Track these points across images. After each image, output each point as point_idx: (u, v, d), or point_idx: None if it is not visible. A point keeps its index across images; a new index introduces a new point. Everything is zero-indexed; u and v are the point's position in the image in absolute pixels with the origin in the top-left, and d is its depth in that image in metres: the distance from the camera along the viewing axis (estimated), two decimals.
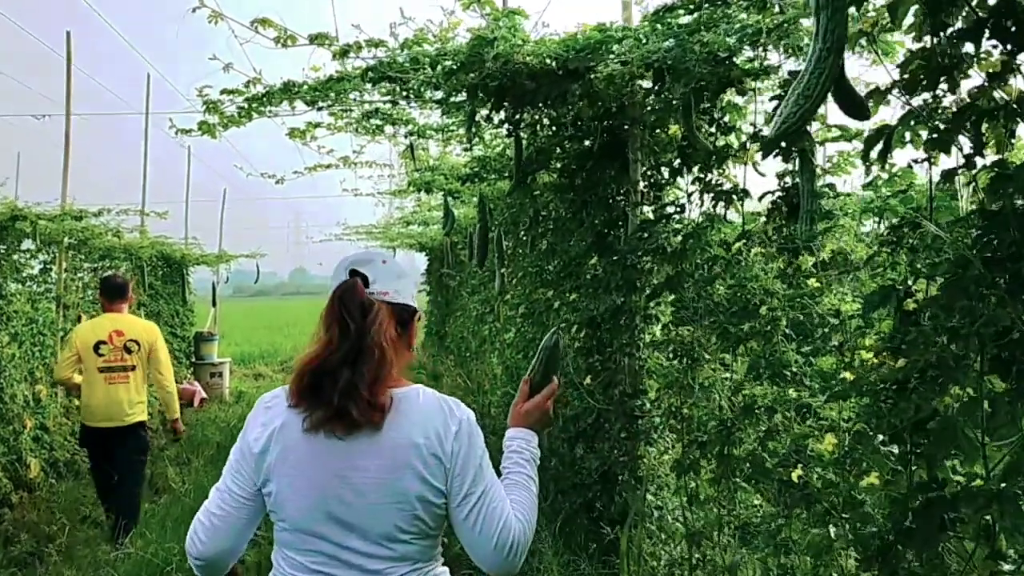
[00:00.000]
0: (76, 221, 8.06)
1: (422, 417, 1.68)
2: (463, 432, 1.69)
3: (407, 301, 1.78)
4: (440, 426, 1.68)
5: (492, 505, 1.67)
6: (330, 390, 1.62)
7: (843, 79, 1.76)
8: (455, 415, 1.71)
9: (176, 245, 13.05)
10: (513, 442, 1.85)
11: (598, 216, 4.33)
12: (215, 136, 4.14)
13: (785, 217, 2.49)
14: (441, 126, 4.66)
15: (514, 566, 1.69)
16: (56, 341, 8.56)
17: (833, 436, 2.14)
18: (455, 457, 1.66)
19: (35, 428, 7.77)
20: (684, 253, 3.10)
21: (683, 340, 3.11)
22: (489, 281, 8.87)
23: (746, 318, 2.59)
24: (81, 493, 7.60)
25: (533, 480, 1.81)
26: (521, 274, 6.79)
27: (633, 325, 3.79)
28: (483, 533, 1.66)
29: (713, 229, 3.02)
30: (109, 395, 5.84)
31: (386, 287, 1.74)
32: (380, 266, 1.76)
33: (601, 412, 3.95)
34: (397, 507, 1.63)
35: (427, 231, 12.66)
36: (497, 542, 1.66)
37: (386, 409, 1.64)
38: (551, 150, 4.55)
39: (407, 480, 1.63)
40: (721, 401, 2.85)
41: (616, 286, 3.75)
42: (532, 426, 1.88)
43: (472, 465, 1.68)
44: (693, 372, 3.05)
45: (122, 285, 6.15)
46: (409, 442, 1.64)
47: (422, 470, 1.64)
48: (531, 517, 1.74)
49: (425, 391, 1.75)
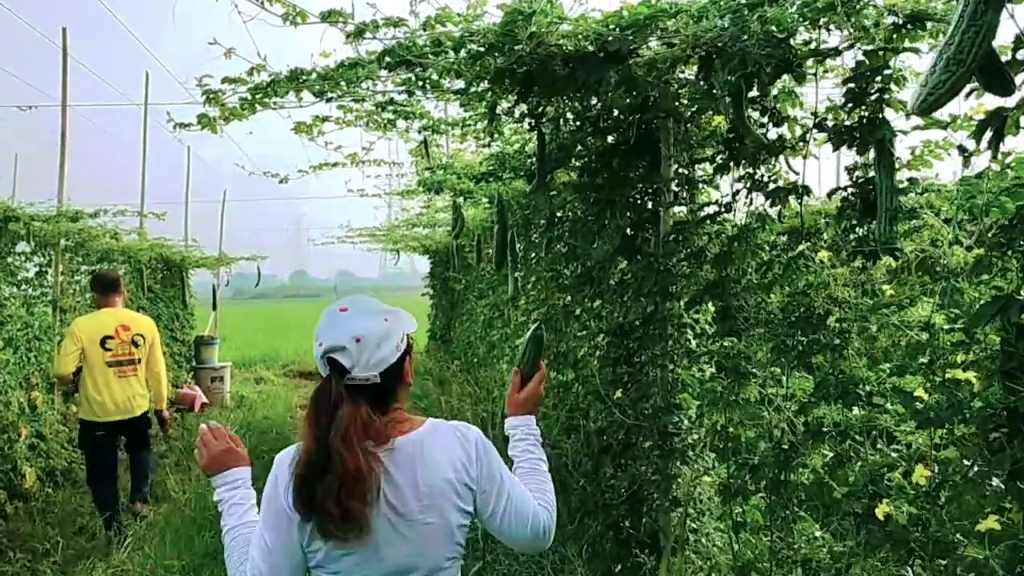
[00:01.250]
0: (72, 222, 7.80)
1: (445, 451, 1.83)
2: (480, 454, 1.86)
3: (392, 360, 1.81)
4: (462, 455, 1.84)
5: (518, 505, 1.87)
6: (319, 498, 1.70)
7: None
8: (469, 440, 1.88)
9: (176, 247, 12.79)
10: (517, 430, 2.05)
11: (624, 217, 4.05)
12: (216, 131, 3.87)
13: (859, 216, 2.22)
14: (457, 120, 4.39)
15: (547, 544, 1.93)
16: (53, 346, 8.31)
17: (924, 467, 1.86)
18: (480, 480, 1.84)
19: (31, 436, 7.51)
20: (729, 257, 2.83)
21: (728, 352, 2.83)
22: (499, 285, 8.60)
23: (809, 330, 2.31)
24: (79, 502, 7.37)
25: (542, 460, 2.02)
26: (535, 278, 6.52)
27: (667, 334, 3.51)
28: (517, 530, 1.87)
29: (764, 230, 2.74)
30: (123, 389, 6.07)
31: (367, 370, 1.77)
32: (355, 348, 1.77)
33: (631, 427, 3.66)
34: (439, 538, 1.79)
35: (433, 234, 12.38)
36: (530, 532, 1.87)
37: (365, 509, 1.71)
38: (572, 147, 4.27)
39: (447, 512, 1.79)
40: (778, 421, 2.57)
41: (648, 292, 3.47)
42: (531, 411, 2.10)
43: (495, 480, 1.86)
44: (740, 388, 2.77)
45: (115, 279, 6.27)
46: (443, 479, 1.79)
47: (458, 501, 1.81)
48: (551, 497, 1.95)
49: (437, 424, 1.88)
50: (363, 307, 1.86)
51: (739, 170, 2.89)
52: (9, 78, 11.24)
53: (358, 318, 1.82)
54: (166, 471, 8.27)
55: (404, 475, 1.77)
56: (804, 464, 2.41)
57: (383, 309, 1.87)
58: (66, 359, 5.93)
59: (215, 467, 2.05)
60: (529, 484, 1.94)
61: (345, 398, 1.75)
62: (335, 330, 1.80)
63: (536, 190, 4.18)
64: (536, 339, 2.19)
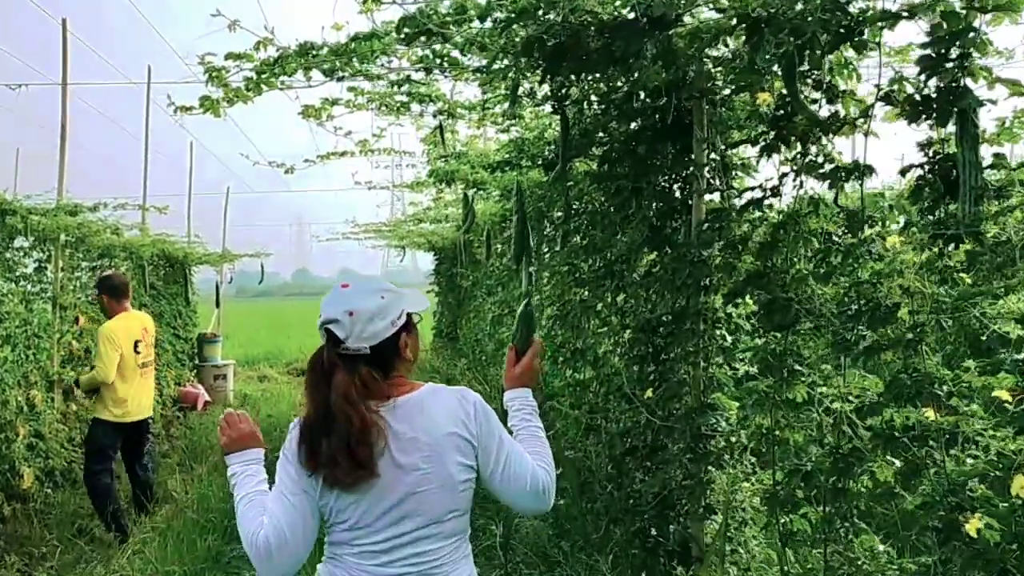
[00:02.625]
0: (71, 216, 7.57)
1: (445, 409, 1.96)
2: (479, 413, 1.98)
3: (386, 335, 1.94)
4: (461, 413, 1.96)
5: (517, 465, 1.98)
6: (325, 451, 1.87)
7: None
8: (468, 400, 2.00)
9: (178, 244, 12.57)
10: (515, 401, 2.18)
11: (651, 207, 3.82)
12: (218, 114, 3.64)
13: (938, 196, 1.99)
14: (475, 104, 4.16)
15: (548, 503, 2.03)
16: (53, 343, 8.11)
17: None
18: (480, 436, 1.96)
19: (29, 435, 7.30)
20: (775, 245, 2.60)
21: (774, 349, 2.61)
22: (509, 281, 8.38)
23: (876, 323, 2.09)
24: (78, 503, 7.19)
25: (540, 428, 2.14)
26: (548, 273, 6.29)
27: (700, 330, 3.29)
28: (517, 490, 1.97)
29: (816, 215, 2.51)
30: (147, 390, 6.41)
31: (359, 342, 1.92)
32: (348, 320, 1.91)
33: (659, 429, 3.44)
34: (441, 490, 1.90)
35: (440, 229, 12.15)
36: (529, 492, 1.98)
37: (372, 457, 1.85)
38: (595, 132, 4.04)
39: (449, 466, 1.91)
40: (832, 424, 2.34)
41: (680, 285, 3.24)
42: (526, 384, 2.21)
43: (494, 439, 1.98)
44: (788, 387, 2.54)
45: (127, 282, 6.55)
46: (443, 433, 1.92)
47: (458, 455, 1.93)
48: (549, 460, 2.06)
49: (436, 387, 2.03)
50: (363, 285, 2.00)
51: (788, 151, 2.66)
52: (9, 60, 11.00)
53: (355, 294, 1.97)
54: (169, 471, 8.07)
55: (406, 428, 1.90)
56: (869, 471, 2.19)
57: (381, 288, 2.00)
58: (112, 365, 6.05)
59: (235, 447, 2.13)
60: (528, 449, 2.05)
61: (340, 365, 1.91)
62: (333, 304, 1.96)
63: (557, 178, 3.95)
64: (527, 316, 2.35)
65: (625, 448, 3.84)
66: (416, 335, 2.07)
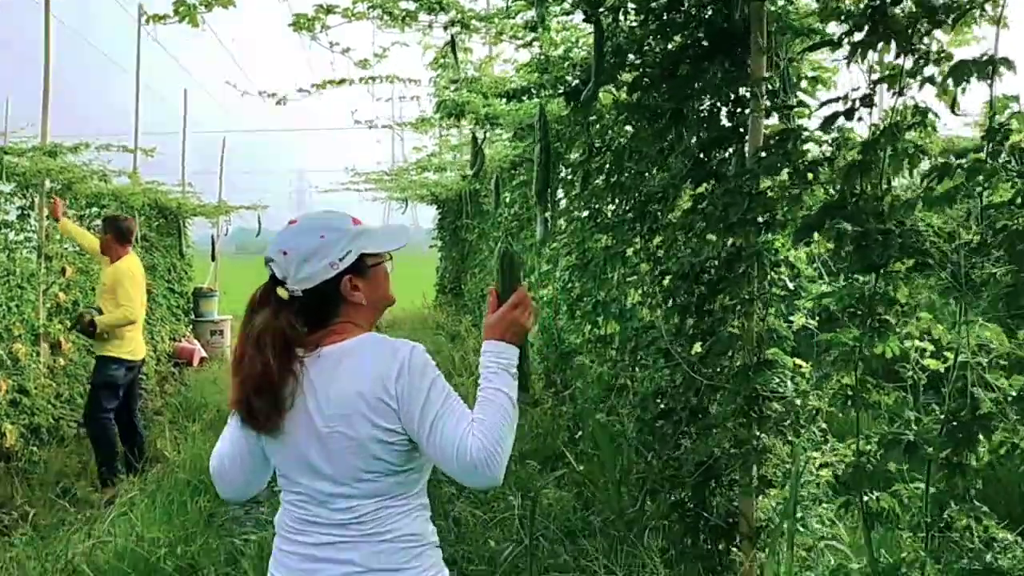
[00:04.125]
0: (50, 157, 7.07)
1: (366, 364, 1.80)
2: (404, 370, 1.77)
3: (323, 278, 1.83)
4: (383, 370, 1.78)
5: (446, 430, 1.74)
6: (236, 392, 1.84)
7: None
8: (397, 356, 1.79)
9: (172, 194, 12.05)
10: (483, 356, 1.91)
11: (695, 135, 3.33)
12: (196, 23, 3.15)
13: None
14: (492, 14, 3.62)
15: (488, 479, 1.74)
16: (38, 295, 7.71)
17: None
18: (400, 397, 1.77)
19: (11, 391, 6.93)
20: (869, 166, 2.12)
21: (861, 294, 2.14)
22: (519, 231, 7.90)
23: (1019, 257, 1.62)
24: (63, 463, 6.84)
25: (500, 391, 1.83)
26: (565, 220, 5.81)
27: (755, 275, 2.82)
28: (444, 459, 1.75)
29: (923, 128, 2.03)
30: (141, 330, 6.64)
31: (297, 283, 1.83)
32: (282, 260, 1.84)
33: (703, 389, 3.00)
34: (353, 451, 1.78)
35: (443, 179, 11.60)
36: (456, 463, 1.74)
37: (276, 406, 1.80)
38: (628, 52, 3.53)
39: (356, 426, 1.77)
40: (951, 385, 1.89)
41: (734, 223, 2.76)
42: (502, 336, 1.89)
43: (418, 400, 1.76)
44: (880, 339, 2.09)
45: (133, 229, 6.63)
46: (353, 391, 1.78)
47: (369, 414, 1.77)
48: (491, 430, 1.76)
49: (369, 339, 1.86)
50: (308, 222, 1.90)
51: (886, 50, 2.16)
52: None
53: (294, 232, 1.87)
54: (160, 430, 7.69)
55: (321, 383, 1.81)
56: (1006, 442, 1.75)
57: (326, 225, 1.87)
58: (136, 304, 6.32)
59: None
60: (477, 413, 1.81)
61: (270, 305, 1.84)
62: (274, 241, 1.89)
63: (588, 100, 3.45)
64: (504, 257, 2.03)
65: (659, 410, 3.41)
66: (378, 278, 1.92)
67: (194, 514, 5.37)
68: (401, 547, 1.82)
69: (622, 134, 4.47)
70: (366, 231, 1.92)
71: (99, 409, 6.27)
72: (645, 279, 4.01)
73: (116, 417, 6.39)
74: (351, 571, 1.80)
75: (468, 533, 3.96)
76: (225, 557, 4.75)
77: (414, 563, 1.83)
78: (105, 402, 6.26)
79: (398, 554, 1.82)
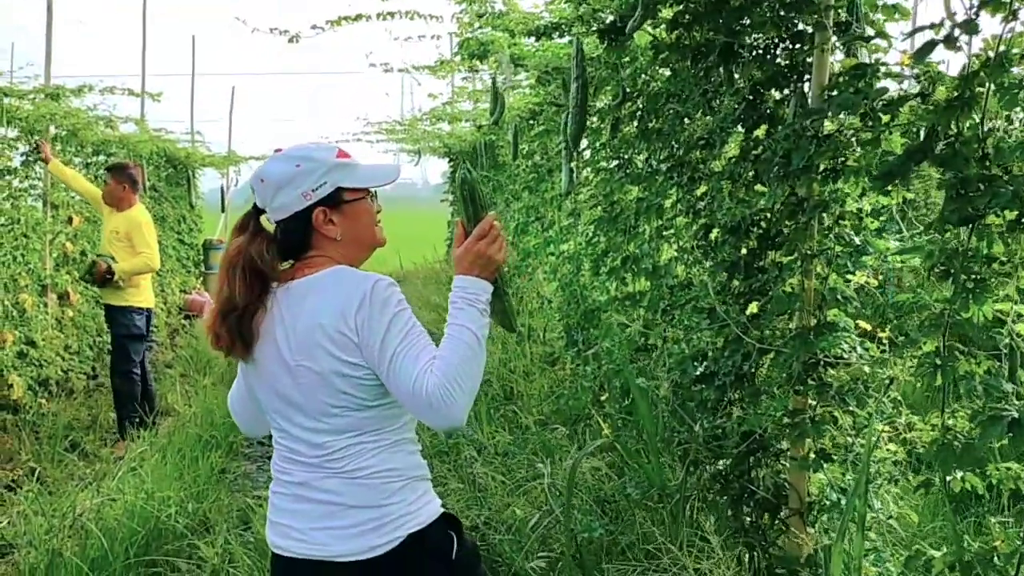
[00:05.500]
0: (53, 100, 6.79)
1: (330, 296, 1.76)
2: (365, 303, 1.72)
3: (296, 208, 1.81)
4: (344, 302, 1.74)
5: (404, 368, 1.70)
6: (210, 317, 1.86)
7: None
8: (359, 288, 1.74)
9: (180, 143, 11.76)
10: (452, 293, 1.83)
11: (746, 75, 3.03)
12: None
13: None
14: None
15: (445, 419, 1.69)
16: (44, 245, 7.51)
17: None
18: (360, 330, 1.72)
19: (18, 342, 6.77)
20: (968, 103, 1.84)
21: (956, 250, 1.88)
22: (538, 183, 7.59)
23: None
24: (73, 415, 6.71)
25: (464, 327, 1.75)
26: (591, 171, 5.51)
27: (817, 230, 2.55)
28: (402, 395, 1.72)
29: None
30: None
31: (273, 212, 1.82)
32: (260, 188, 1.84)
33: (753, 353, 2.75)
34: (319, 385, 1.76)
35: (456, 129, 11.23)
36: (413, 402, 1.70)
37: (242, 337, 1.80)
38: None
39: (319, 359, 1.75)
40: None
41: (795, 170, 2.48)
42: (469, 270, 1.81)
43: (378, 333, 1.71)
44: (977, 302, 1.83)
45: (140, 175, 6.60)
46: (315, 323, 1.75)
47: (330, 347, 1.74)
48: (452, 370, 1.69)
49: (336, 271, 1.81)
50: (290, 151, 1.86)
51: None
52: None
53: (273, 160, 1.85)
54: (170, 383, 7.55)
55: (290, 316, 1.79)
56: None
57: (303, 155, 1.82)
58: (157, 251, 6.33)
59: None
60: (440, 352, 1.74)
61: (246, 232, 1.84)
62: (256, 170, 1.89)
63: (632, 32, 3.14)
64: (464, 185, 1.89)
65: (699, 374, 3.17)
66: (357, 214, 1.86)
67: (205, 470, 5.23)
68: (380, 483, 1.78)
69: (657, 77, 4.15)
70: (347, 165, 1.85)
71: (127, 360, 6.18)
72: (682, 233, 3.74)
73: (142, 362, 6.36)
74: (332, 509, 1.78)
75: (489, 498, 3.78)
76: (237, 514, 4.62)
77: (395, 498, 1.79)
78: (133, 353, 6.19)
79: (377, 490, 1.78)
